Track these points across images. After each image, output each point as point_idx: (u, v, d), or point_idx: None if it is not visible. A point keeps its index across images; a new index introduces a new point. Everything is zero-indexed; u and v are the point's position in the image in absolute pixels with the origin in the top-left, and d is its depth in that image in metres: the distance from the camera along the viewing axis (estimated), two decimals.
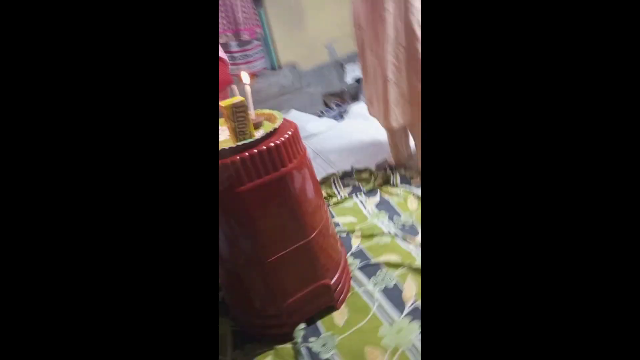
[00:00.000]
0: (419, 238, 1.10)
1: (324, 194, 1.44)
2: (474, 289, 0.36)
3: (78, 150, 0.36)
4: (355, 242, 1.15)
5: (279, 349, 0.83)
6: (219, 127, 0.81)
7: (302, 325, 0.86)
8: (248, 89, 0.75)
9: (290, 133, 0.75)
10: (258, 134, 0.73)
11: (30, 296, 0.34)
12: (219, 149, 0.68)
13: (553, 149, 0.35)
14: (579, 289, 0.34)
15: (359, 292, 0.95)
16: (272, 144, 0.71)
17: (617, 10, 0.33)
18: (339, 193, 1.45)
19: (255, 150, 0.69)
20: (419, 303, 0.87)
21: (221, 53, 1.16)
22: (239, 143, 0.69)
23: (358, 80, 2.76)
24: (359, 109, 2.25)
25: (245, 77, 0.77)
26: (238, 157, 0.68)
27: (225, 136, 0.77)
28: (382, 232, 1.15)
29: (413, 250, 1.05)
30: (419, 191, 1.34)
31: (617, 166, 0.34)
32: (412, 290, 0.92)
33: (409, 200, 1.30)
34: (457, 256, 0.37)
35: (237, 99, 0.69)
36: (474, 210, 0.37)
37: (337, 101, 2.53)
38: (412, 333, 0.80)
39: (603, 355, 0.32)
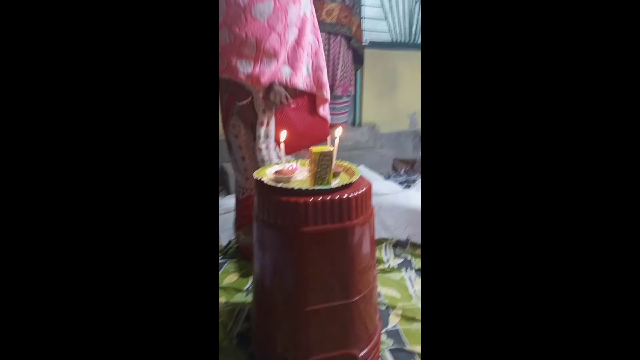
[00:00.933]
0: None
1: None
2: None
3: (79, 153, 0.37)
4: (394, 321, 1.06)
5: None
6: (300, 166, 0.86)
7: None
8: (337, 142, 0.80)
9: (363, 190, 0.76)
10: (334, 182, 0.76)
11: (34, 293, 0.34)
12: (297, 188, 0.71)
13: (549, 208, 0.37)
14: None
15: None
16: (344, 196, 0.72)
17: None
18: (387, 261, 1.39)
19: (328, 197, 0.71)
20: None
21: (325, 113, 1.24)
22: (316, 187, 0.72)
23: None
24: None
25: (339, 131, 0.82)
26: (311, 199, 0.70)
27: (303, 176, 0.81)
28: None
29: None
30: None
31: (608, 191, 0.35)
32: None
33: None
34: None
35: (328, 148, 0.74)
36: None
37: (406, 168, 2.53)
38: None
39: None
